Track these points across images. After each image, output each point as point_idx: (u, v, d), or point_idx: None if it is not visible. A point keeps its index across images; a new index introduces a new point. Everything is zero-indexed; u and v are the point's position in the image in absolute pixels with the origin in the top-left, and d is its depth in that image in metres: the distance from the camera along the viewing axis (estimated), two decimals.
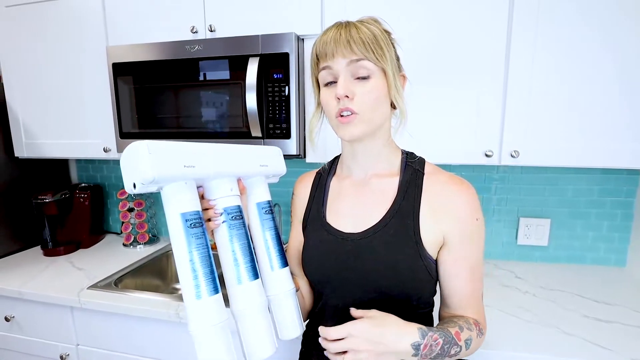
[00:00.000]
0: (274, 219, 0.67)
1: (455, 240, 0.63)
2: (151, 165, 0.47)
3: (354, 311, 0.59)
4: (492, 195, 1.38)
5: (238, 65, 1.12)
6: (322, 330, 0.56)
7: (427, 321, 0.69)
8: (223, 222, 0.57)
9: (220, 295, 0.54)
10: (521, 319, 0.99)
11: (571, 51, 0.98)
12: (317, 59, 0.63)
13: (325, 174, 0.76)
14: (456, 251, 0.63)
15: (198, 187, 0.58)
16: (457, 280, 0.65)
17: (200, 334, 0.52)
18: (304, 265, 0.72)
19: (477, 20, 1.02)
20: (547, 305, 1.07)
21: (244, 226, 0.59)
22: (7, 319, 1.25)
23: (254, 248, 0.65)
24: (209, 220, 0.57)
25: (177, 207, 0.52)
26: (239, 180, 0.62)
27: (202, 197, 0.59)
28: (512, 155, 1.04)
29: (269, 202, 0.67)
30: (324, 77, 0.63)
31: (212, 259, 0.54)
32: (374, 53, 0.58)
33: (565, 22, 0.98)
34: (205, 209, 0.57)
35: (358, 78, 0.60)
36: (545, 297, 1.11)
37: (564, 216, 1.34)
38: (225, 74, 1.14)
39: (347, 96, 0.59)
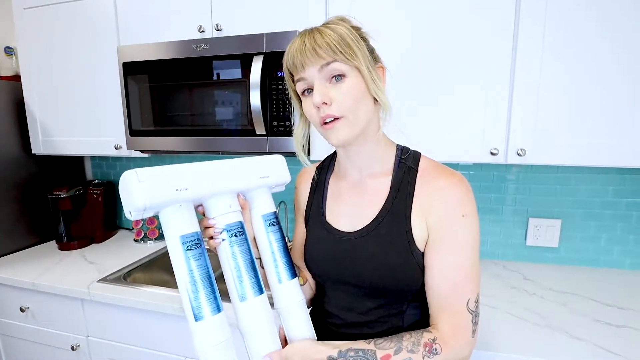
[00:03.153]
0: (280, 229, 0.66)
1: (436, 235, 0.60)
2: (141, 194, 0.48)
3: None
4: (501, 195, 1.35)
5: (243, 63, 1.13)
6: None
7: (421, 312, 0.68)
8: (223, 240, 0.58)
9: (222, 314, 0.54)
10: (528, 322, 0.97)
11: (580, 48, 0.96)
12: (290, 73, 0.63)
13: (323, 171, 0.76)
14: (435, 245, 0.60)
15: (198, 206, 0.58)
16: (434, 277, 0.60)
17: (205, 352, 0.53)
18: (306, 261, 0.73)
19: (484, 17, 1.00)
20: (556, 308, 1.04)
21: (247, 242, 0.59)
22: (22, 310, 1.30)
23: (260, 260, 0.65)
24: (211, 238, 0.58)
25: (174, 230, 0.52)
26: (238, 195, 0.61)
27: (204, 215, 0.59)
28: (518, 154, 1.02)
29: (274, 213, 0.66)
30: (300, 87, 0.62)
31: (213, 278, 0.55)
32: (342, 53, 0.57)
33: (573, 19, 0.95)
34: (206, 227, 0.58)
35: (333, 79, 0.59)
36: (554, 300, 1.08)
37: (576, 217, 1.30)
38: (230, 73, 1.16)
39: (325, 103, 0.59)
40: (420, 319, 0.68)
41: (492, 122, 1.04)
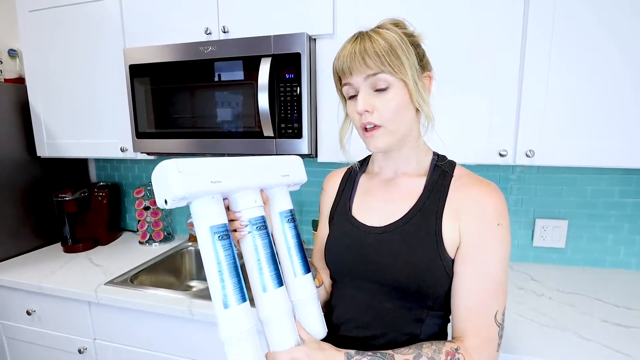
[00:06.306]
0: (296, 227, 0.69)
1: (469, 240, 0.60)
2: (181, 183, 0.50)
3: None
4: (508, 196, 1.36)
5: (250, 65, 1.13)
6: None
7: (440, 323, 0.68)
8: (249, 232, 0.60)
9: (247, 303, 0.57)
10: (536, 323, 0.97)
11: (589, 51, 0.96)
12: (338, 75, 0.65)
13: (355, 171, 0.78)
14: (468, 253, 0.60)
15: (223, 200, 0.60)
16: (462, 286, 0.60)
17: (230, 340, 0.55)
18: (325, 254, 0.73)
19: (492, 20, 1.00)
20: (563, 309, 1.04)
21: (268, 236, 0.62)
22: (28, 313, 1.30)
23: (277, 255, 0.67)
24: (235, 231, 0.60)
25: (205, 221, 0.55)
26: (261, 191, 0.64)
27: (228, 209, 0.61)
28: (527, 155, 1.02)
29: (291, 210, 0.69)
30: (346, 91, 0.65)
31: (240, 269, 0.57)
32: (390, 65, 0.58)
33: (581, 23, 0.95)
34: (231, 220, 0.60)
35: (377, 90, 0.61)
36: (562, 301, 1.09)
37: (582, 218, 1.30)
38: (238, 75, 1.16)
39: (367, 110, 0.61)
40: (439, 332, 0.67)
41: (500, 123, 1.04)
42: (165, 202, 0.51)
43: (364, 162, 0.79)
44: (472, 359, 0.58)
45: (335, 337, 0.71)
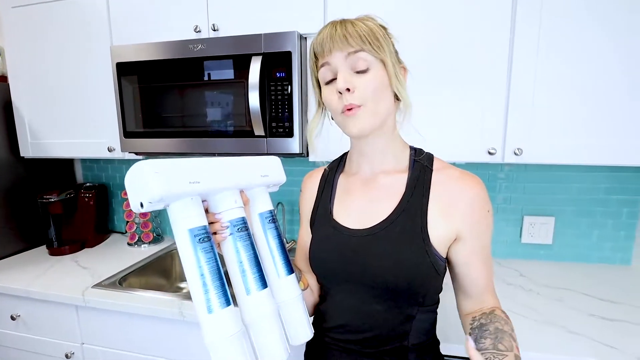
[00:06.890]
0: (277, 227, 0.68)
1: (470, 234, 0.63)
2: (158, 184, 0.48)
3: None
4: (496, 194, 1.38)
5: (241, 64, 1.12)
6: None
7: (430, 318, 0.69)
8: (229, 234, 0.58)
9: (232, 307, 0.55)
10: (526, 318, 0.98)
11: (576, 48, 0.98)
12: (316, 57, 0.64)
13: (332, 171, 0.76)
14: (472, 244, 0.64)
15: (202, 202, 0.58)
16: (474, 271, 0.66)
17: (215, 346, 0.52)
18: (310, 260, 0.72)
19: (481, 17, 1.02)
20: (552, 303, 1.06)
21: (250, 237, 0.60)
22: (12, 318, 1.26)
23: (259, 257, 0.66)
24: (215, 233, 0.58)
25: (184, 224, 0.52)
26: (241, 191, 0.62)
27: (206, 211, 0.59)
28: (515, 153, 1.04)
29: (271, 211, 0.68)
30: (323, 74, 0.63)
31: (222, 271, 0.55)
32: (371, 44, 0.59)
33: (570, 18, 0.97)
34: (211, 223, 0.58)
35: (357, 72, 0.60)
36: (550, 296, 1.11)
37: (568, 214, 1.33)
38: (228, 73, 1.15)
39: (348, 89, 0.59)
40: (429, 327, 0.68)
41: (489, 122, 1.05)
42: (141, 205, 0.48)
43: (340, 162, 0.77)
44: (505, 313, 0.66)
45: (325, 341, 0.71)
